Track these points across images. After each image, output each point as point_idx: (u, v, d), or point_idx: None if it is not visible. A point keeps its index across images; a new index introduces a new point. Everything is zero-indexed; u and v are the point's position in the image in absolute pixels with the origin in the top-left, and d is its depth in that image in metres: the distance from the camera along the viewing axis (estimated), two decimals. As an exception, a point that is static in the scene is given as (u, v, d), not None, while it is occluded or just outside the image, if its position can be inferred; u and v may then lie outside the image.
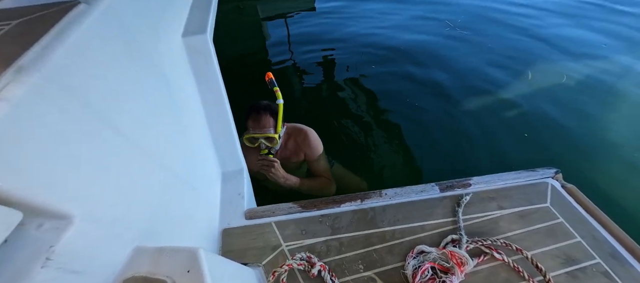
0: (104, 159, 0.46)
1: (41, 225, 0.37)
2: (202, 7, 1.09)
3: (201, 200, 0.83)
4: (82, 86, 0.44)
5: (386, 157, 1.75)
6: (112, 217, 0.46)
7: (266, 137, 1.23)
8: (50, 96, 0.38)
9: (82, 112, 0.43)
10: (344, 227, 0.87)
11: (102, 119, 0.47)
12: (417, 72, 2.43)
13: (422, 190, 0.94)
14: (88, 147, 0.43)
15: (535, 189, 0.93)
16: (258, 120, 1.23)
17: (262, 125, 1.23)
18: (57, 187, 0.37)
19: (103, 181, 0.45)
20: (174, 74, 0.82)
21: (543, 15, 3.10)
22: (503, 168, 1.01)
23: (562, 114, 1.89)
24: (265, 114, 1.24)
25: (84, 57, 0.46)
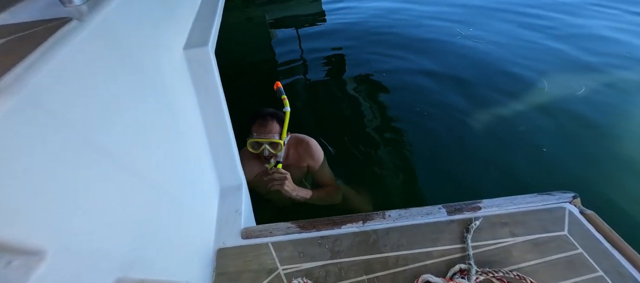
0: (85, 185, 0.43)
1: (10, 262, 0.34)
2: (206, 18, 1.08)
3: (196, 219, 0.80)
4: (66, 108, 0.42)
5: (389, 172, 1.69)
6: (92, 248, 0.43)
7: (270, 143, 1.21)
8: (28, 121, 0.36)
9: (63, 136, 0.40)
10: (344, 251, 0.82)
11: (86, 142, 0.44)
12: (425, 82, 2.36)
13: (428, 213, 0.88)
14: (67, 174, 0.41)
15: (551, 215, 0.87)
16: (264, 126, 1.22)
17: (268, 131, 1.22)
18: (27, 218, 0.34)
19: (83, 209, 0.42)
20: (174, 87, 0.80)
21: (560, 20, 2.95)
22: (515, 190, 0.95)
23: (580, 130, 1.76)
24: (271, 120, 1.23)
25: (71, 77, 0.44)
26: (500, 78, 2.28)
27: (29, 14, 0.54)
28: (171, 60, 0.82)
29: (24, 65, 0.38)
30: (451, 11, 3.43)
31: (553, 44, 2.61)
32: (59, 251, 0.37)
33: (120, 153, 0.52)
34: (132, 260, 0.51)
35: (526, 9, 3.28)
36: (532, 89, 2.14)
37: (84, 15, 0.53)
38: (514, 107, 2.00)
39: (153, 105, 0.68)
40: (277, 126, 1.24)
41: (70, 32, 0.47)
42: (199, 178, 0.90)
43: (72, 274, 0.39)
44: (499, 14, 3.22)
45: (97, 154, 0.46)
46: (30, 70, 0.38)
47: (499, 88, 2.18)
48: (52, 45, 0.43)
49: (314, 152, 1.35)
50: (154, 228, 0.59)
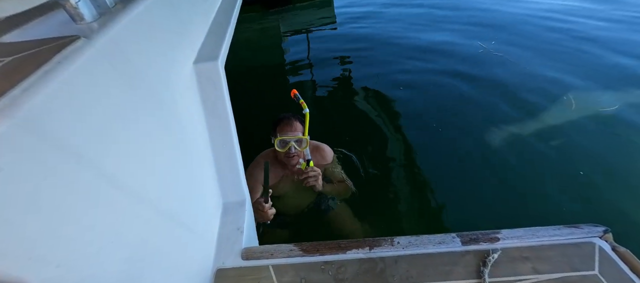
0: (78, 209, 0.42)
1: None
2: (217, 33, 1.09)
3: (196, 238, 0.77)
4: (63, 131, 0.41)
5: (398, 193, 1.61)
6: (79, 277, 0.41)
7: (297, 140, 1.34)
8: (19, 146, 0.35)
9: (57, 161, 0.39)
10: (349, 279, 0.77)
11: (82, 166, 0.43)
12: (441, 97, 2.28)
13: (440, 242, 0.82)
14: (60, 198, 0.39)
15: (579, 251, 0.78)
16: (289, 125, 1.37)
17: (294, 129, 1.36)
18: (8, 250, 0.33)
19: (74, 234, 0.40)
20: (181, 102, 0.80)
21: (589, 28, 2.78)
22: (536, 220, 0.88)
23: (611, 154, 1.59)
24: (295, 120, 1.39)
25: (72, 98, 0.43)
26: (524, 93, 2.16)
27: (41, 31, 0.55)
28: (180, 75, 0.82)
29: (22, 87, 0.38)
30: (472, 21, 3.36)
31: (584, 56, 2.46)
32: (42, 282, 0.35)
33: (118, 174, 0.50)
34: (124, 284, 0.48)
35: (551, 14, 3.16)
36: (558, 105, 2.00)
37: (93, 33, 0.53)
38: (537, 126, 1.87)
39: (159, 121, 0.67)
40: (300, 126, 1.39)
41: (75, 52, 0.47)
42: (202, 195, 0.88)
43: None
44: (523, 25, 3.11)
45: (92, 177, 0.45)
46: (27, 93, 0.37)
47: (522, 104, 2.05)
48: (55, 66, 0.42)
49: (327, 154, 1.53)
50: (151, 249, 0.57)
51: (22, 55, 0.45)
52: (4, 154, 0.33)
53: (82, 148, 0.44)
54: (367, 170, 1.73)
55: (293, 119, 1.40)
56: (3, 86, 0.37)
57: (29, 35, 0.53)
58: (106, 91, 0.51)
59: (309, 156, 1.37)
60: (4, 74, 0.41)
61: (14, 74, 0.40)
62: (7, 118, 0.34)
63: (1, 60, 0.45)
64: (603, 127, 1.78)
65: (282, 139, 1.34)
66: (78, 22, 0.56)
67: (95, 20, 0.57)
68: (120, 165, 0.51)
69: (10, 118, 0.34)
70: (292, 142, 1.33)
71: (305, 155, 1.37)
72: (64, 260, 0.39)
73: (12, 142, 0.34)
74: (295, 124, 1.38)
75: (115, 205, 0.49)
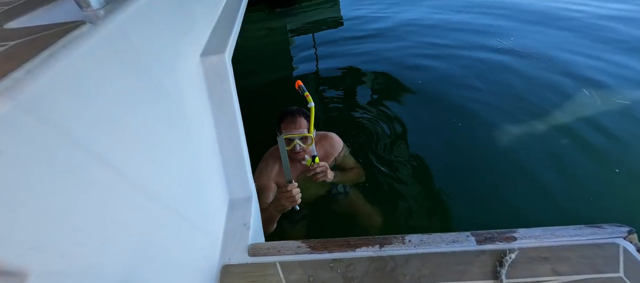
0: (82, 198, 0.40)
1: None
2: (224, 26, 1.08)
3: (201, 234, 0.76)
4: (67, 116, 0.39)
5: (409, 190, 1.57)
6: (82, 268, 0.39)
7: (301, 137, 1.30)
8: (21, 129, 0.33)
9: (62, 147, 0.38)
10: (358, 278, 0.74)
11: (86, 153, 0.41)
12: (454, 92, 2.21)
13: (453, 240, 0.79)
14: (64, 186, 0.38)
15: (602, 252, 0.74)
16: (293, 122, 1.32)
17: (297, 126, 1.31)
18: (8, 236, 0.31)
19: (78, 224, 0.39)
20: (187, 96, 0.79)
21: (614, 23, 2.69)
22: (553, 220, 0.84)
23: (636, 152, 1.52)
24: (299, 116, 1.34)
25: (76, 83, 0.42)
26: (544, 89, 2.08)
27: (47, 18, 0.54)
28: (187, 67, 0.81)
29: (26, 69, 0.36)
30: (484, 17, 3.28)
31: (606, 49, 2.36)
32: (43, 273, 0.33)
33: (123, 164, 0.49)
34: (127, 279, 0.47)
35: (568, 5, 3.07)
36: (580, 101, 1.92)
37: (99, 20, 0.52)
38: (557, 122, 1.79)
39: (164, 113, 0.66)
40: (305, 121, 1.33)
41: (80, 36, 0.45)
42: (208, 190, 0.86)
43: None
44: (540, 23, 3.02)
45: (96, 165, 0.43)
46: (31, 75, 0.36)
47: (543, 100, 1.98)
48: (59, 50, 0.41)
49: (336, 143, 1.50)
50: (155, 243, 0.55)
51: (27, 39, 0.44)
52: (6, 137, 0.32)
53: (86, 136, 0.42)
54: (377, 166, 1.70)
55: (297, 115, 1.35)
56: (6, 68, 0.36)
57: (34, 21, 0.53)
58: (111, 79, 0.49)
59: (315, 152, 1.34)
60: (7, 57, 0.40)
61: (17, 57, 0.39)
62: (10, 99, 0.33)
63: (5, 44, 0.43)
64: (629, 124, 1.70)
65: (286, 137, 1.30)
66: (84, 9, 0.55)
67: (101, 7, 0.56)
68: (125, 156, 0.50)
69: (12, 99, 0.33)
70: (296, 140, 1.30)
71: (310, 151, 1.34)
72: (67, 250, 0.38)
73: (14, 125, 0.33)
74: (299, 120, 1.33)
75: (120, 196, 0.48)
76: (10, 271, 0.31)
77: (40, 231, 0.35)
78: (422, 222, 1.38)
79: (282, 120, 1.36)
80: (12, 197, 0.32)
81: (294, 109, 1.38)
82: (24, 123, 0.34)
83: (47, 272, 0.34)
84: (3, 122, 0.32)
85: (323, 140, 1.50)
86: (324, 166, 1.31)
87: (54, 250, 0.36)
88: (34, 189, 0.34)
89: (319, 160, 1.33)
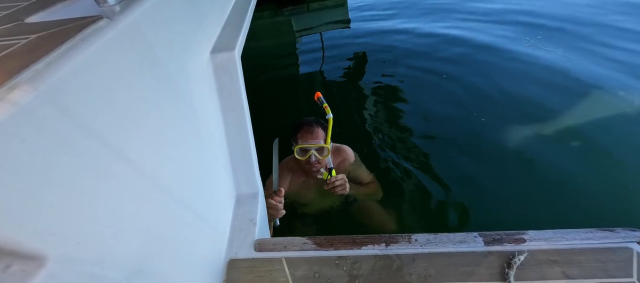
0: (95, 190, 0.41)
1: (8, 266, 0.32)
2: (234, 24, 1.09)
3: (209, 227, 0.77)
4: (85, 108, 0.40)
5: (416, 190, 1.55)
6: (98, 255, 0.40)
7: (318, 148, 1.26)
8: (43, 119, 0.35)
9: (77, 137, 0.39)
10: (364, 276, 0.74)
11: (102, 144, 0.43)
12: (464, 92, 2.18)
13: (461, 241, 0.78)
14: (81, 176, 0.39)
15: (615, 256, 0.73)
16: (310, 132, 1.28)
17: (314, 137, 1.27)
18: (31, 220, 0.32)
19: (93, 213, 0.40)
20: (198, 92, 0.80)
21: None
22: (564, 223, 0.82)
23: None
24: (316, 127, 1.30)
25: (93, 76, 0.43)
26: (568, 88, 2.02)
27: (65, 13, 0.56)
28: (197, 64, 0.82)
29: (46, 62, 0.38)
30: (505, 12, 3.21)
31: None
32: (60, 258, 0.35)
33: (137, 157, 0.50)
34: (138, 269, 0.48)
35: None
36: (600, 102, 1.86)
37: (115, 15, 0.53)
38: (572, 123, 1.74)
39: (175, 108, 0.67)
40: (322, 132, 1.29)
41: (97, 31, 0.47)
42: (216, 185, 0.88)
43: None
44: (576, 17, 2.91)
45: (112, 157, 0.44)
46: (51, 67, 0.37)
47: (563, 100, 1.91)
48: (78, 43, 0.42)
49: (349, 154, 1.44)
50: (165, 235, 0.57)
51: (46, 33, 0.46)
52: (28, 126, 0.33)
53: (103, 128, 0.43)
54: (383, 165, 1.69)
55: (315, 124, 1.30)
56: (28, 60, 0.37)
57: (53, 16, 0.54)
58: (126, 73, 0.51)
59: (332, 164, 1.29)
60: (27, 50, 0.41)
61: (37, 49, 0.40)
62: (32, 89, 0.34)
63: (26, 37, 0.45)
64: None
65: (302, 147, 1.26)
66: (101, 5, 0.56)
67: (117, 3, 0.58)
68: (139, 149, 0.51)
69: (34, 90, 0.34)
70: (312, 151, 1.25)
71: (327, 163, 1.28)
72: (83, 238, 0.39)
73: (36, 115, 0.34)
74: (316, 130, 1.28)
75: (134, 188, 0.49)
76: (31, 255, 0.32)
77: (58, 218, 0.36)
78: (429, 221, 1.37)
79: (298, 130, 1.31)
80: (32, 184, 0.33)
81: (311, 119, 1.34)
82: (44, 113, 0.35)
83: (64, 258, 0.35)
84: (25, 111, 0.33)
85: (335, 152, 1.44)
86: (342, 179, 1.25)
87: (71, 237, 0.37)
88: (53, 177, 0.35)
89: (335, 173, 1.27)
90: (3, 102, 0.32)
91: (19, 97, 0.33)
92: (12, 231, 0.31)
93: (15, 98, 0.33)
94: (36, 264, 0.33)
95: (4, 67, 0.37)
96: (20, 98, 0.33)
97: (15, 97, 0.33)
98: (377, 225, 1.37)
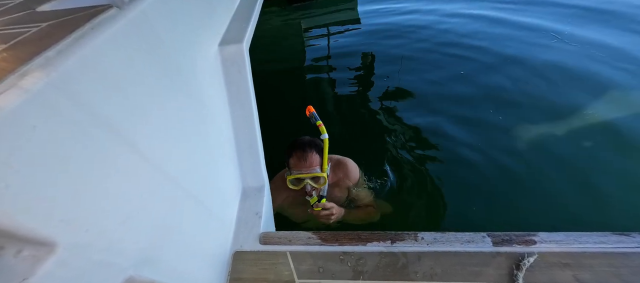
0: (107, 177, 0.41)
1: (20, 251, 0.32)
2: (243, 17, 1.08)
3: (215, 219, 0.77)
4: (94, 96, 0.41)
5: (424, 189, 1.53)
6: (107, 243, 0.41)
7: (313, 177, 1.13)
8: (53, 107, 0.35)
9: (89, 126, 0.39)
10: (368, 272, 0.74)
11: (112, 133, 0.43)
12: (475, 89, 2.13)
13: (468, 240, 0.77)
14: (91, 164, 0.39)
15: (629, 261, 0.70)
16: (304, 159, 1.13)
17: (309, 165, 1.12)
18: (42, 207, 0.33)
19: (103, 202, 0.40)
20: (205, 84, 0.80)
21: None
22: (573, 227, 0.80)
23: None
24: (310, 152, 1.13)
25: (103, 65, 0.43)
26: (593, 86, 1.95)
27: (76, 1, 0.56)
28: (206, 57, 0.82)
29: (57, 49, 0.38)
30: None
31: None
32: (70, 245, 0.35)
33: (146, 147, 0.50)
34: (146, 257, 0.48)
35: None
36: (622, 102, 1.79)
37: (125, 4, 0.53)
38: (587, 122, 1.68)
39: (183, 100, 0.67)
40: (317, 157, 1.14)
41: (107, 20, 0.46)
42: (223, 178, 0.88)
43: (81, 270, 0.37)
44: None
45: (121, 146, 0.44)
46: (62, 55, 0.37)
47: (584, 99, 1.85)
48: (88, 32, 0.42)
49: (351, 171, 1.28)
50: (173, 226, 0.57)
51: (56, 21, 0.46)
52: (39, 113, 0.33)
53: (112, 117, 0.43)
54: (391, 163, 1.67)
55: (308, 150, 1.13)
56: (39, 47, 0.37)
57: (64, 5, 0.54)
58: (136, 63, 0.51)
59: (325, 192, 1.17)
60: (39, 38, 0.41)
61: (48, 37, 0.40)
62: (44, 76, 0.34)
63: (37, 26, 0.45)
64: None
65: (295, 177, 1.13)
66: (110, -6, 0.56)
67: None
68: (147, 139, 0.51)
69: (46, 76, 0.34)
70: (307, 180, 1.13)
71: (321, 191, 1.17)
72: (92, 225, 0.39)
73: (47, 102, 0.34)
74: (310, 156, 1.12)
75: (142, 178, 0.49)
76: (41, 241, 0.33)
77: (68, 205, 0.36)
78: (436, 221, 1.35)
79: (290, 154, 1.16)
80: (43, 170, 0.33)
81: (304, 141, 1.17)
82: (56, 100, 0.35)
83: (74, 245, 0.36)
84: (37, 98, 0.33)
85: (337, 167, 1.28)
86: (330, 211, 1.12)
87: (80, 224, 0.37)
88: (62, 165, 0.36)
89: (325, 201, 1.15)
90: (15, 88, 0.32)
91: (30, 84, 0.33)
92: (23, 217, 0.31)
93: (27, 85, 0.33)
94: (46, 250, 0.33)
95: (16, 54, 0.38)
96: (32, 85, 0.33)
97: (26, 83, 0.33)
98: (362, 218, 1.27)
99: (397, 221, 1.33)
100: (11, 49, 0.40)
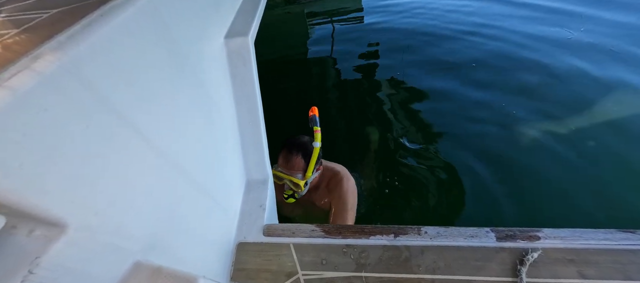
0: (116, 162, 0.42)
1: (32, 230, 0.33)
2: (248, 11, 1.08)
3: (219, 209, 0.78)
4: (104, 83, 0.41)
5: (428, 183, 1.52)
6: (115, 227, 0.41)
7: (291, 181, 1.15)
8: (65, 90, 0.35)
9: (98, 111, 0.40)
10: (371, 265, 0.74)
11: (120, 119, 0.43)
12: (482, 82, 2.11)
13: (472, 235, 0.77)
14: (100, 149, 0.40)
15: (635, 258, 0.70)
16: (289, 160, 1.14)
17: (291, 167, 1.14)
18: (54, 188, 0.33)
19: (111, 186, 0.41)
20: (211, 76, 0.80)
21: None
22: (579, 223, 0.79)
23: None
24: (296, 155, 1.14)
25: (114, 52, 0.43)
26: (575, 87, 1.95)
27: (85, -11, 0.56)
28: (212, 49, 0.82)
29: (68, 34, 0.38)
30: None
31: None
32: (80, 226, 0.36)
33: (153, 134, 0.51)
34: (152, 243, 0.49)
35: None
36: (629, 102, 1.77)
37: None
38: (596, 120, 1.66)
39: (190, 90, 0.68)
40: (302, 162, 1.14)
41: (116, 7, 0.47)
42: (227, 169, 0.88)
43: (91, 251, 0.38)
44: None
45: (129, 133, 0.45)
46: (72, 40, 0.38)
47: (574, 98, 1.84)
48: (97, 18, 0.43)
49: (345, 192, 1.19)
50: (178, 214, 0.58)
51: (66, 8, 0.46)
52: (50, 96, 0.34)
53: (121, 103, 0.44)
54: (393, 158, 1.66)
55: (294, 154, 1.14)
56: (51, 32, 0.38)
57: None
58: (144, 51, 0.51)
59: (298, 196, 1.18)
60: (51, 23, 0.42)
61: (58, 23, 0.41)
62: (56, 60, 0.34)
63: (47, 12, 0.46)
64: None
65: (278, 173, 1.15)
66: (120, -18, 0.56)
67: None
68: (155, 127, 0.52)
69: (58, 60, 0.35)
70: (286, 182, 1.15)
71: (299, 194, 1.18)
72: (100, 208, 0.40)
73: (59, 85, 0.35)
74: (295, 160, 1.13)
75: (149, 165, 0.50)
76: (53, 221, 0.33)
77: (78, 187, 0.37)
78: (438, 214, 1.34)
79: (281, 150, 1.19)
80: (54, 152, 0.34)
81: (295, 143, 1.17)
82: (67, 84, 0.35)
83: (83, 227, 0.37)
84: (49, 81, 0.34)
85: (332, 176, 1.24)
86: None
87: (90, 206, 0.38)
88: (72, 148, 0.36)
89: (293, 201, 1.17)
90: (28, 70, 0.32)
91: (43, 67, 0.33)
92: (36, 197, 0.32)
93: (40, 67, 0.33)
94: (58, 230, 0.34)
95: (27, 38, 0.38)
96: (44, 68, 0.33)
97: (39, 66, 0.33)
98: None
99: (401, 215, 1.33)
100: (23, 33, 0.41)
